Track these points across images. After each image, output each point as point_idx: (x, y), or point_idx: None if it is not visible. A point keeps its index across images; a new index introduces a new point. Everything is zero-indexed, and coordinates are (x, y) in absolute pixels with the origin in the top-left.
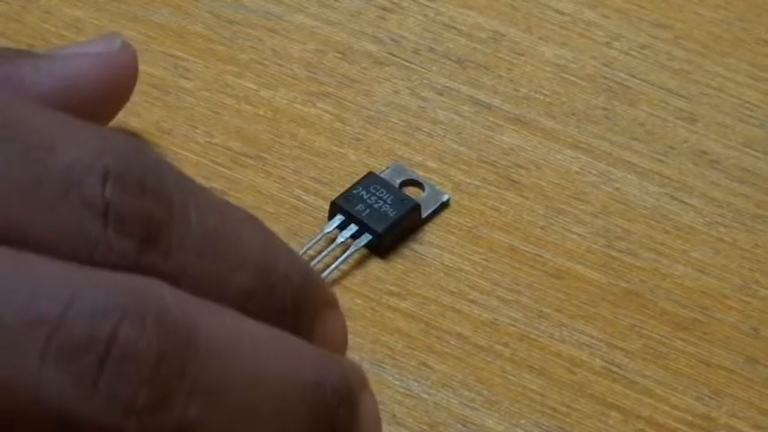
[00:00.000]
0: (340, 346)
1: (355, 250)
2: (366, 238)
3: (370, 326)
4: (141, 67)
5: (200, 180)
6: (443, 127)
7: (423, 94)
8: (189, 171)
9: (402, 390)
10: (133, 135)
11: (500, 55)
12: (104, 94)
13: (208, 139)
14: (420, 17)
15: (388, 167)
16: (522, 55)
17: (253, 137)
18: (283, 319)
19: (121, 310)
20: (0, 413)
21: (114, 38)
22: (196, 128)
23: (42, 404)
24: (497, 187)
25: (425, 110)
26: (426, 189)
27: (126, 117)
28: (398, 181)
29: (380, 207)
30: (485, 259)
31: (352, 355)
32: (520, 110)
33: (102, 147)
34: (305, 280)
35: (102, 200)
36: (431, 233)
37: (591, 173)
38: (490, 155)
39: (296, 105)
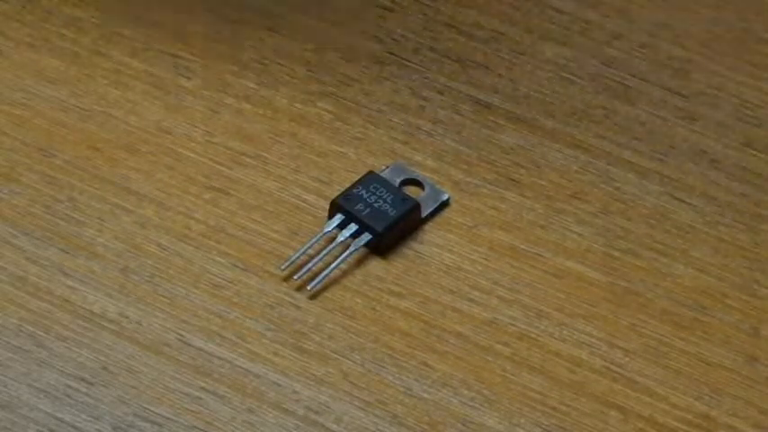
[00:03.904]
0: None
1: (355, 249)
2: (366, 237)
3: (370, 325)
4: (141, 67)
5: (200, 179)
6: (443, 126)
7: (423, 93)
8: (189, 170)
9: (402, 389)
10: None
11: (500, 54)
12: None
13: (208, 139)
14: (420, 16)
15: (388, 167)
16: (522, 54)
17: (253, 136)
18: None
19: None
20: None
21: None
22: (196, 127)
23: None
24: (497, 186)
25: (425, 109)
26: (426, 188)
27: (126, 116)
28: (398, 180)
29: (380, 206)
30: (485, 258)
31: (353, 355)
32: (520, 109)
33: None
34: None
35: None
36: (431, 232)
37: (591, 172)
38: (490, 154)
39: (296, 105)
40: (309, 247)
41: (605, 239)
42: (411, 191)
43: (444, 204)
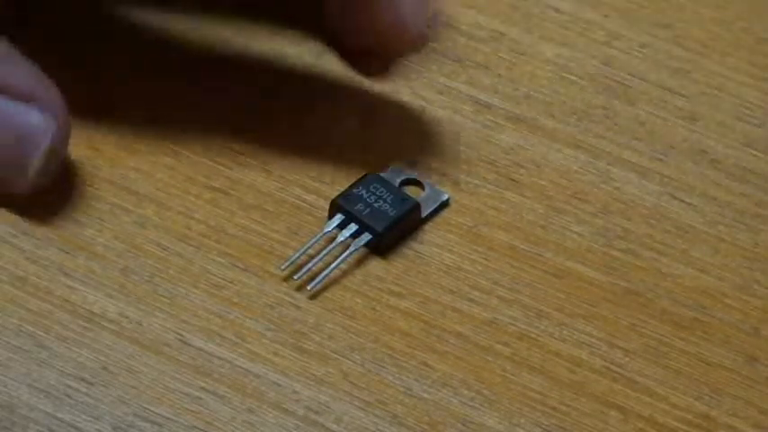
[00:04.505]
0: None
1: (355, 249)
2: (366, 237)
3: (370, 325)
4: (141, 66)
5: (200, 179)
6: (443, 126)
7: (423, 93)
8: (189, 170)
9: (402, 389)
10: None
11: (500, 54)
12: None
13: (208, 139)
14: None
15: (388, 167)
16: (522, 54)
17: (253, 136)
18: None
19: None
20: None
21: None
22: (196, 127)
23: None
24: (497, 186)
25: (425, 109)
26: (426, 188)
27: (126, 116)
28: (398, 180)
29: (380, 206)
30: (485, 258)
31: (353, 355)
32: (520, 109)
33: None
34: None
35: None
36: (431, 232)
37: (591, 172)
38: (490, 154)
39: (296, 104)
40: (309, 247)
41: (605, 239)
42: (411, 191)
43: (444, 204)
